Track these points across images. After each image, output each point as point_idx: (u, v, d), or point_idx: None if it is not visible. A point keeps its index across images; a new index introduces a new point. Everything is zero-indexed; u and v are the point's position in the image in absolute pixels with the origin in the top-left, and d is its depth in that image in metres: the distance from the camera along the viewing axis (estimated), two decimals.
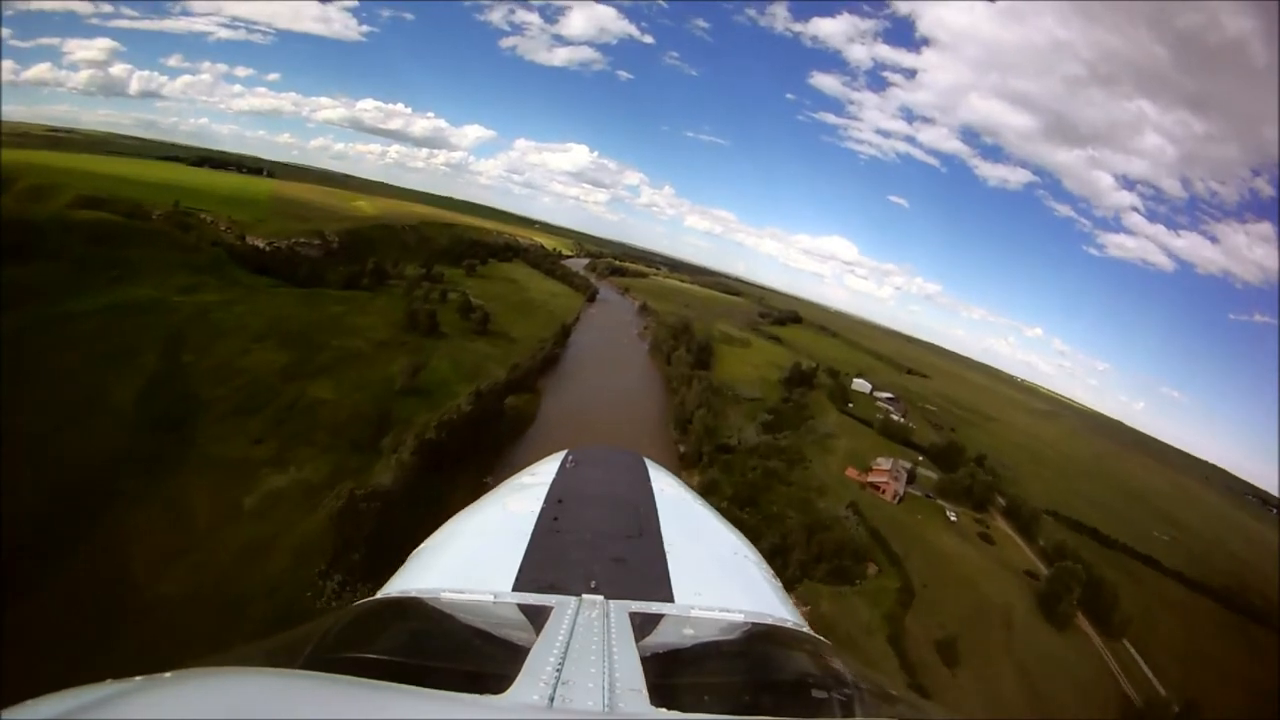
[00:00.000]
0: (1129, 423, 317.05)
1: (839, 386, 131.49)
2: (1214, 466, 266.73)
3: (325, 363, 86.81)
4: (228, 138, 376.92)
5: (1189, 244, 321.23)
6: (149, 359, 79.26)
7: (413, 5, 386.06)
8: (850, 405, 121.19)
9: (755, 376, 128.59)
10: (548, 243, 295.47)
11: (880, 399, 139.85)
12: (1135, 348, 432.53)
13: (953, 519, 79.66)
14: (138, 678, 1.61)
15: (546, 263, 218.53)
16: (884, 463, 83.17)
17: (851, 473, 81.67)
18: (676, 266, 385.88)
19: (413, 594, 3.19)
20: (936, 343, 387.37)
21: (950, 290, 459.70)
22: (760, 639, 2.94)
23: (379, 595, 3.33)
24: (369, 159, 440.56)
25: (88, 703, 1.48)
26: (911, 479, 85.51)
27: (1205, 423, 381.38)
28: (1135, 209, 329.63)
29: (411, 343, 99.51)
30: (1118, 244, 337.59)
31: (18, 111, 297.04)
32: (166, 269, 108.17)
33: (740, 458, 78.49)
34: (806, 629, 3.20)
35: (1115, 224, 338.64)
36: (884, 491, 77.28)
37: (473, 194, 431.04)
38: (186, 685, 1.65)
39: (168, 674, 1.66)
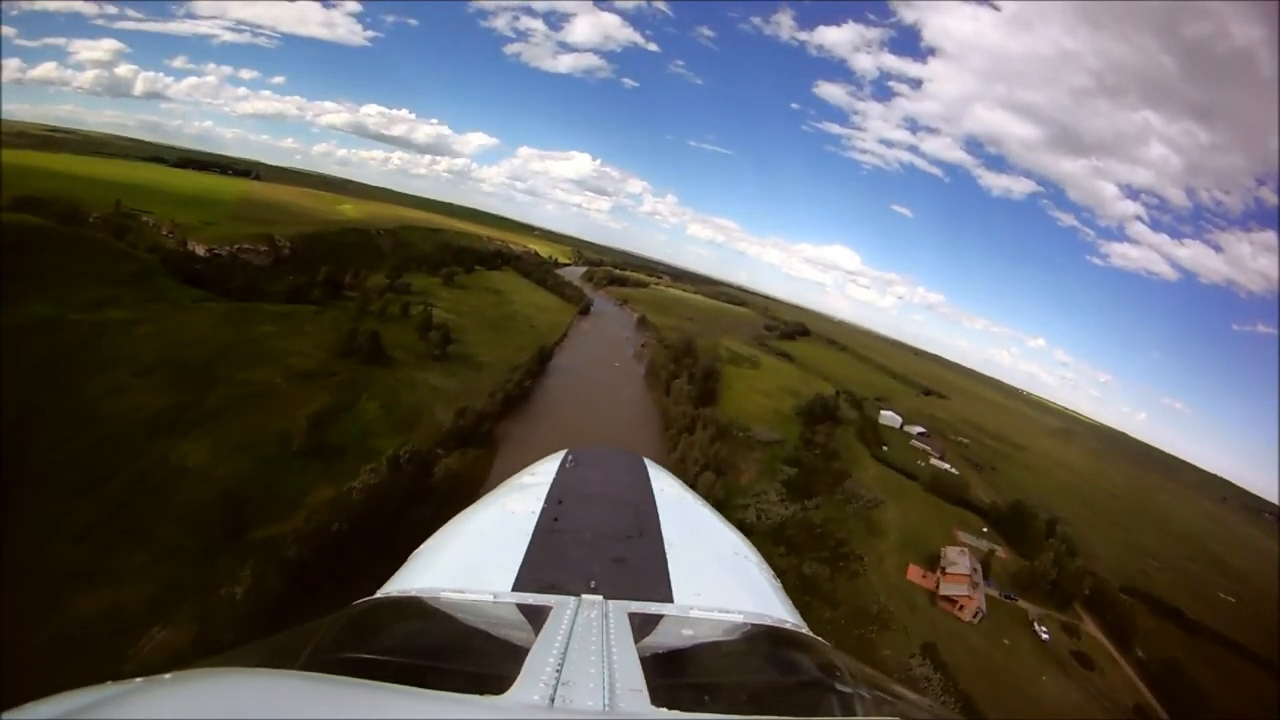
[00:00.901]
0: (1133, 434, 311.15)
1: (867, 421, 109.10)
2: (1229, 483, 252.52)
3: (216, 407, 64.96)
4: (232, 141, 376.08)
5: (1193, 253, 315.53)
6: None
7: (417, 10, 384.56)
8: (885, 448, 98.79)
9: (769, 408, 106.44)
10: (544, 250, 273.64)
11: (914, 435, 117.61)
12: (1137, 358, 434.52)
13: (1044, 636, 57.47)
14: (138, 679, 1.59)
15: (539, 271, 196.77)
16: (957, 560, 60.47)
17: (914, 574, 59.46)
18: (679, 275, 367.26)
19: (412, 594, 3.11)
20: (939, 354, 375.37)
21: (953, 300, 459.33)
22: (760, 639, 2.89)
23: (378, 595, 3.20)
24: (372, 165, 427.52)
25: (88, 704, 1.45)
26: (986, 572, 63.23)
27: (1206, 432, 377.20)
28: (1139, 218, 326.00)
29: (345, 373, 77.66)
30: (1121, 254, 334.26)
31: (23, 110, 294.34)
32: (81, 281, 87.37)
33: (763, 545, 56.04)
34: (805, 629, 3.11)
35: (1119, 233, 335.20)
36: (963, 609, 54.99)
37: (476, 201, 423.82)
38: (187, 686, 1.62)
39: (168, 675, 1.63)
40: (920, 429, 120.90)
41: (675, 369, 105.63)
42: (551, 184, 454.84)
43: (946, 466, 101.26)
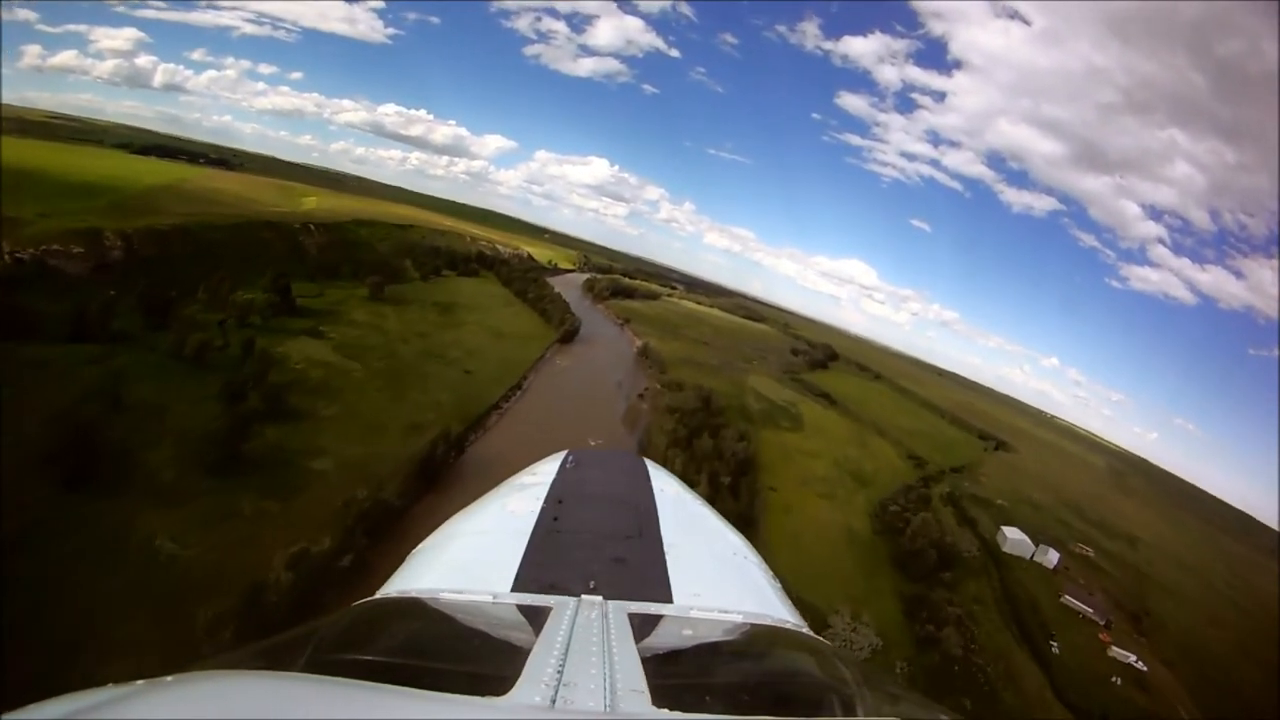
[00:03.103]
0: (1146, 455, 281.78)
1: (997, 566, 64.13)
2: (1250, 519, 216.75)
3: None
4: (250, 136, 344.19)
5: (1213, 278, 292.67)
6: None
7: (438, 8, 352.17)
8: (1054, 645, 53.63)
9: (838, 527, 62.40)
10: (542, 254, 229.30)
11: (1051, 568, 72.26)
12: (1151, 379, 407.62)
13: None
14: (139, 681, 1.51)
15: (523, 280, 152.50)
16: None
17: None
18: (693, 284, 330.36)
19: (412, 594, 2.97)
20: (956, 371, 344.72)
21: (967, 318, 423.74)
22: (760, 639, 2.80)
23: (378, 595, 3.06)
24: (390, 164, 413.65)
25: (89, 706, 1.39)
26: None
27: (1215, 454, 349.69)
28: (1161, 241, 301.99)
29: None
30: (1141, 277, 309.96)
31: (43, 98, 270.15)
32: None
33: None
34: (806, 629, 2.99)
35: (1140, 256, 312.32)
36: None
37: (492, 203, 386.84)
38: (187, 688, 1.56)
39: (169, 677, 1.56)
40: (1052, 553, 75.32)
41: (688, 456, 61.31)
42: (569, 188, 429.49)
43: (1131, 659, 56.94)
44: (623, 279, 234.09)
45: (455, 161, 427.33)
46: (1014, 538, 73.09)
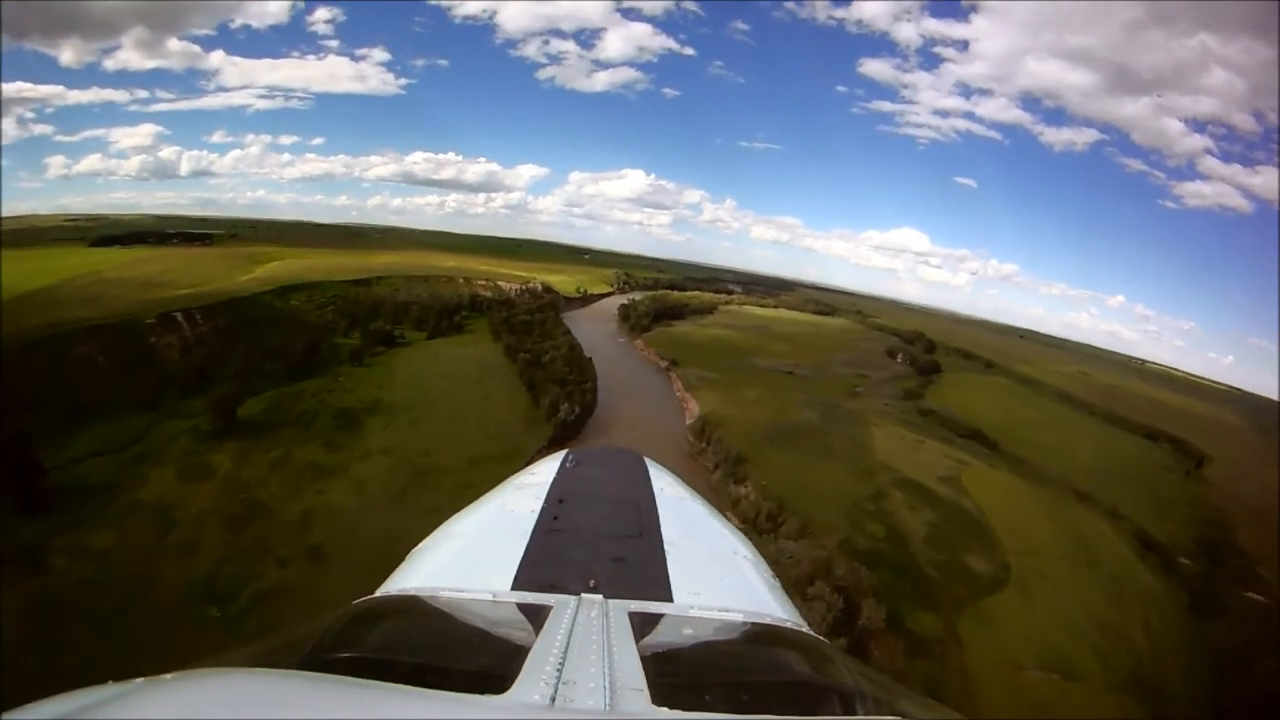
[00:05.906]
0: (1223, 380, 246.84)
1: None
2: None
3: None
4: (286, 206, 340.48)
5: (1265, 180, 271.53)
6: None
7: (446, 50, 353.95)
8: None
9: None
10: (571, 281, 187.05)
11: None
12: (1219, 300, 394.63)
13: None
14: (139, 679, 1.49)
15: (527, 326, 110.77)
16: None
17: None
18: (750, 284, 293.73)
19: (411, 592, 2.95)
20: (1023, 325, 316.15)
21: (1027, 270, 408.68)
22: (760, 639, 2.77)
23: (377, 594, 3.03)
24: (429, 211, 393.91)
25: (89, 704, 1.36)
26: None
27: None
28: (1209, 152, 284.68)
29: None
30: (1195, 192, 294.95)
31: (75, 203, 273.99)
32: None
33: None
34: (806, 629, 2.95)
35: (1189, 172, 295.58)
36: None
37: (536, 232, 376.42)
38: (187, 686, 1.54)
39: (169, 675, 1.54)
40: None
41: None
42: (608, 205, 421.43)
43: None
44: (669, 294, 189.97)
45: (492, 197, 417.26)
46: None
